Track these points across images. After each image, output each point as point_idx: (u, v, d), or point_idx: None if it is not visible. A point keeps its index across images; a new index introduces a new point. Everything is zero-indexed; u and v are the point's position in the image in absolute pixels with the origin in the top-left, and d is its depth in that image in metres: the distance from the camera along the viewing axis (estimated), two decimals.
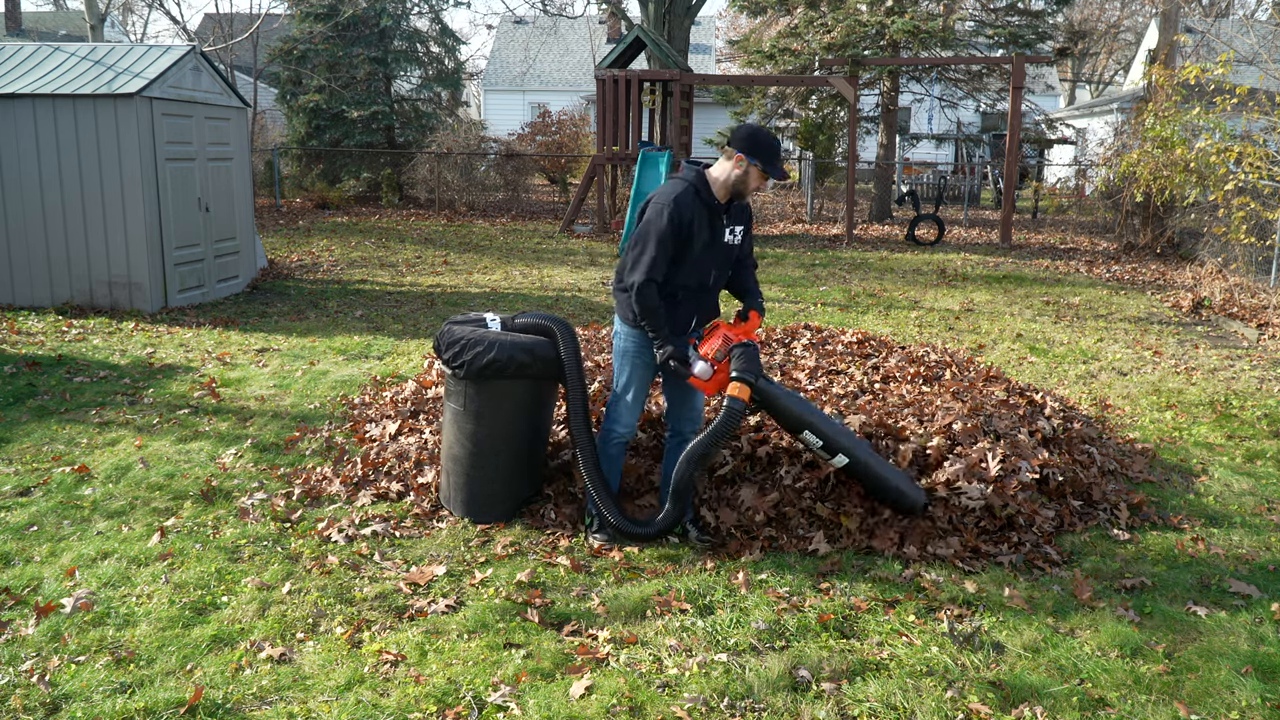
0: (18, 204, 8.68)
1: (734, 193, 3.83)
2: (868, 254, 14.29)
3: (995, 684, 3.08)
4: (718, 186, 3.81)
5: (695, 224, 3.75)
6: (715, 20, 39.61)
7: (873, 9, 17.81)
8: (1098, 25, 37.15)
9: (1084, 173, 21.23)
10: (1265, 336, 8.69)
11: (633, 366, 3.98)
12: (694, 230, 3.75)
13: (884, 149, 19.34)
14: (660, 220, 3.70)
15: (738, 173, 3.77)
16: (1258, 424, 6.04)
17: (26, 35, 28.03)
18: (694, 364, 3.84)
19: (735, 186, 3.80)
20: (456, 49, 22.01)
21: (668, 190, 3.78)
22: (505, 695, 2.98)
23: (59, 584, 3.66)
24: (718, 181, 3.81)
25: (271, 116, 24.87)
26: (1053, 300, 10.54)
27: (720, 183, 3.81)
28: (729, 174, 3.78)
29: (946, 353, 6.31)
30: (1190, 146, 10.13)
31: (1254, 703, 3.01)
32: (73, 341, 7.62)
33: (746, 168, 3.75)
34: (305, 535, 4.14)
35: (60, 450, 5.15)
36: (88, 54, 9.06)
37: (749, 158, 3.73)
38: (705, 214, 3.79)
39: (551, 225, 17.22)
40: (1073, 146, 25.28)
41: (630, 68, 16.42)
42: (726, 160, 3.80)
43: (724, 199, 3.84)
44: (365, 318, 8.94)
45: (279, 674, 3.10)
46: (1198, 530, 4.36)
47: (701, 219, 3.77)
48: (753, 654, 3.25)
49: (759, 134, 3.76)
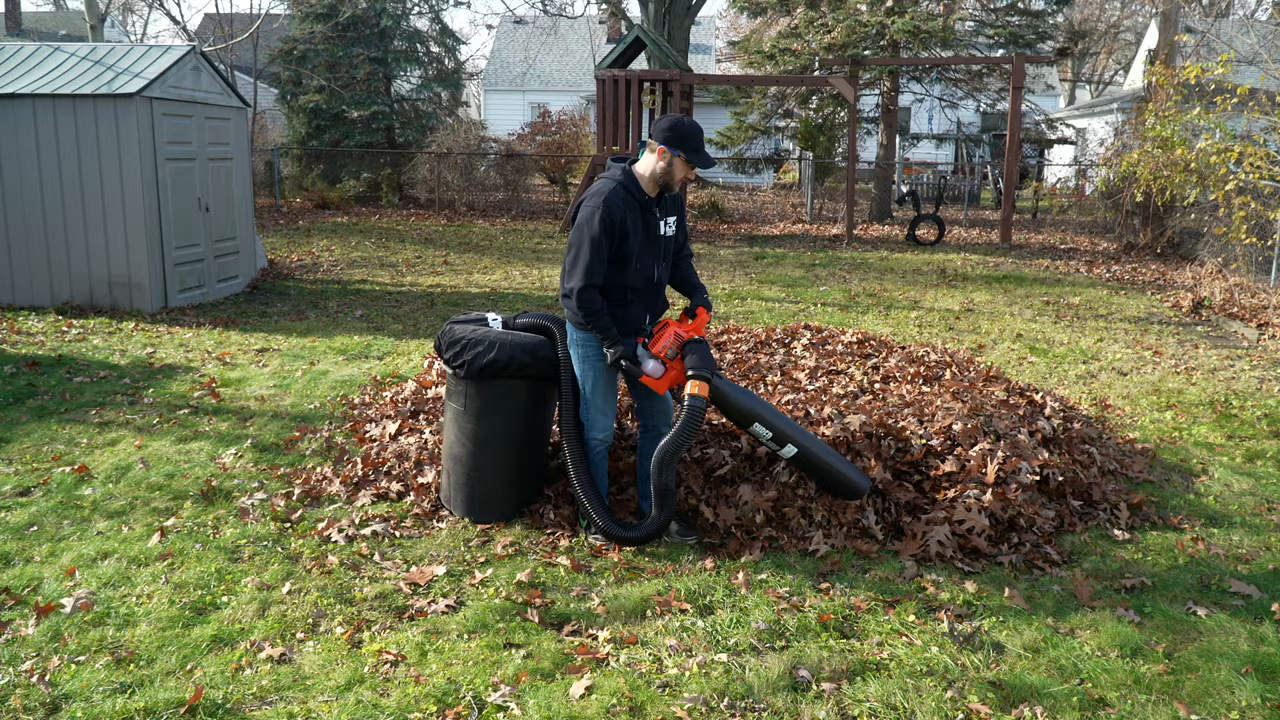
0: (18, 204, 8.68)
1: (662, 185, 3.84)
2: (868, 254, 14.29)
3: (995, 684, 3.08)
4: (645, 182, 3.83)
5: (628, 222, 3.75)
6: (715, 20, 39.61)
7: (873, 9, 17.81)
8: (1098, 25, 37.16)
9: (1084, 173, 21.23)
10: (1265, 336, 8.69)
11: (595, 370, 3.98)
12: (628, 228, 3.75)
13: (884, 149, 19.34)
14: (592, 223, 3.70)
15: (662, 165, 3.78)
16: (1258, 424, 6.04)
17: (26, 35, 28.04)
18: (645, 362, 3.87)
19: (662, 179, 3.82)
20: (456, 49, 22.01)
21: (596, 192, 3.78)
22: (505, 695, 2.98)
23: (59, 584, 3.66)
24: (644, 177, 3.83)
25: (271, 116, 24.88)
26: (1053, 300, 10.54)
27: (647, 177, 3.83)
28: (654, 167, 3.80)
29: (946, 353, 6.31)
30: (1190, 146, 10.13)
31: (1254, 703, 3.01)
32: (73, 341, 7.62)
33: (670, 159, 3.76)
34: (305, 535, 4.14)
35: (60, 450, 5.15)
36: (88, 54, 9.06)
37: (671, 149, 3.74)
38: (637, 210, 3.80)
39: (551, 225, 17.22)
40: (1073, 146, 25.29)
41: (630, 68, 16.42)
42: (650, 154, 3.80)
43: (653, 193, 3.86)
44: (365, 318, 8.94)
45: (279, 674, 3.10)
46: (1198, 530, 4.36)
47: (634, 216, 3.78)
48: (753, 654, 3.25)
49: (680, 124, 3.77)
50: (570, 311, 3.89)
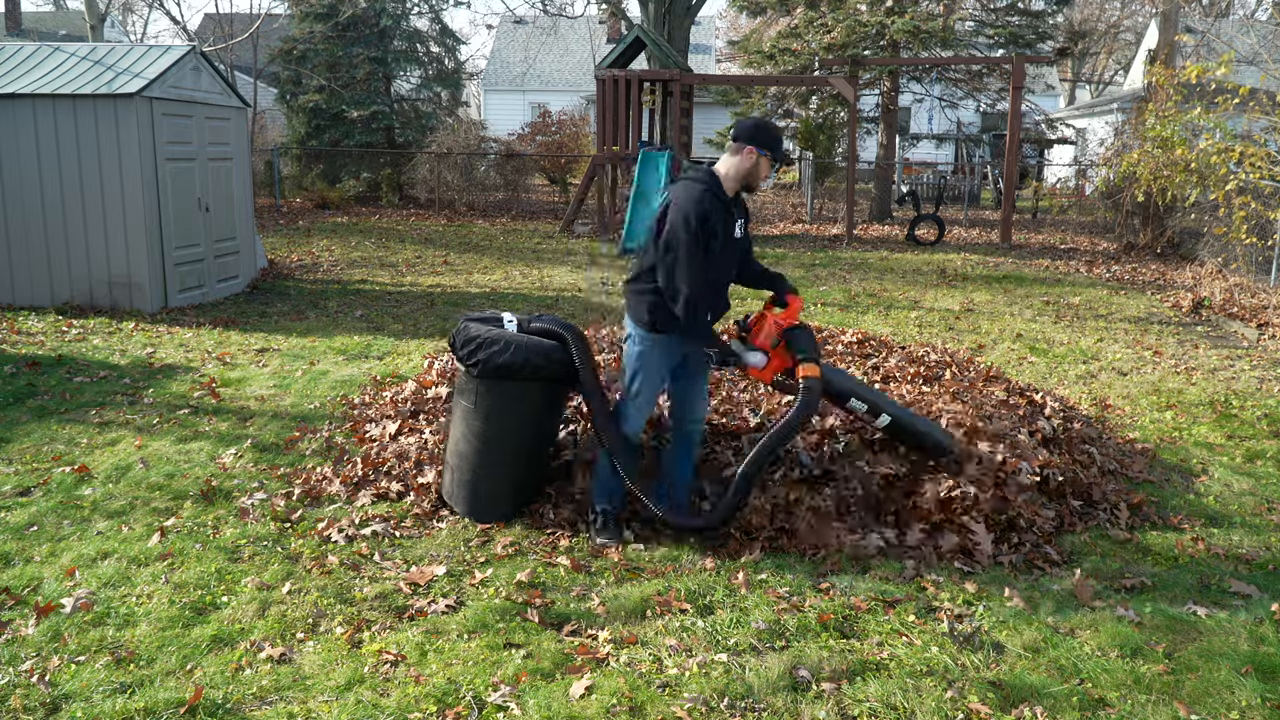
0: (18, 204, 8.68)
1: (744, 185, 3.89)
2: (868, 254, 14.29)
3: (995, 684, 3.08)
4: (729, 182, 3.85)
5: (716, 224, 3.77)
6: (715, 20, 39.61)
7: (873, 9, 17.81)
8: (1098, 25, 37.15)
9: (1084, 173, 21.23)
10: (1265, 336, 8.69)
11: (646, 370, 3.97)
12: (716, 230, 3.77)
13: (884, 149, 19.34)
14: (691, 226, 3.70)
15: (748, 165, 3.82)
16: (1258, 424, 6.04)
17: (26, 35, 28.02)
18: (747, 356, 3.93)
19: (746, 179, 3.86)
20: (456, 49, 22.01)
21: (687, 195, 3.77)
22: (505, 695, 2.98)
23: (59, 584, 3.66)
24: (729, 177, 3.85)
25: (271, 116, 24.87)
26: (1053, 300, 10.54)
27: (731, 177, 3.85)
28: (740, 167, 3.83)
29: (946, 353, 6.31)
30: (1191, 146, 10.12)
31: (1254, 703, 3.01)
32: (73, 341, 7.62)
33: (757, 159, 3.81)
34: (305, 535, 4.14)
35: (60, 450, 5.15)
36: (88, 54, 9.06)
37: (759, 149, 3.80)
38: (722, 211, 3.82)
39: (551, 225, 17.22)
40: (1073, 146, 25.29)
41: (630, 68, 16.42)
42: (734, 155, 3.83)
43: (733, 193, 3.90)
44: (365, 318, 8.94)
45: (279, 674, 3.10)
46: (1198, 530, 4.36)
47: (719, 217, 3.79)
48: (753, 654, 3.25)
49: (765, 125, 3.86)
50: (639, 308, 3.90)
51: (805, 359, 3.88)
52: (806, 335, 3.95)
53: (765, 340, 3.96)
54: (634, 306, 3.95)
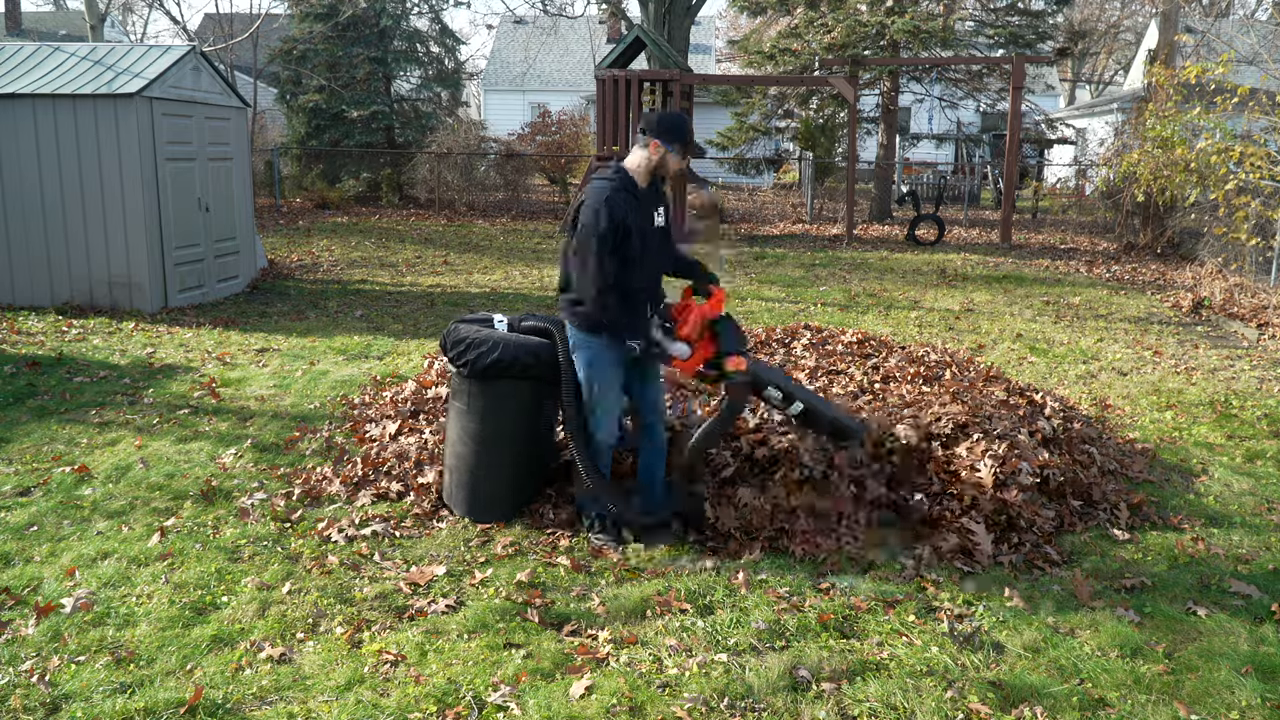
0: (18, 204, 8.68)
1: (654, 178, 3.93)
2: (868, 254, 14.29)
3: (995, 684, 3.08)
4: (639, 175, 3.89)
5: (629, 218, 3.79)
6: (715, 20, 39.61)
7: (873, 9, 17.81)
8: (1098, 25, 37.15)
9: (1084, 173, 21.23)
10: (1265, 336, 8.69)
11: (601, 373, 3.98)
12: (630, 225, 3.79)
13: (884, 149, 19.34)
14: (599, 224, 3.73)
15: (656, 158, 3.86)
16: (1258, 424, 6.04)
17: (26, 35, 28.02)
18: (671, 347, 3.89)
19: (656, 171, 3.90)
20: (456, 49, 22.01)
21: (596, 195, 3.81)
22: (505, 695, 2.98)
23: (59, 584, 3.66)
24: (638, 170, 3.89)
25: (271, 116, 24.87)
26: (1053, 300, 10.54)
27: (641, 170, 3.89)
28: (648, 160, 3.87)
29: (946, 353, 6.31)
30: (1191, 146, 10.12)
31: (1254, 703, 3.01)
32: (73, 341, 7.62)
33: (664, 153, 3.85)
34: (305, 535, 4.14)
35: (60, 450, 5.14)
36: (88, 54, 9.06)
37: (664, 143, 3.83)
38: (635, 205, 3.84)
39: (551, 225, 17.22)
40: (1073, 146, 25.29)
41: (630, 68, 16.41)
42: (642, 149, 3.87)
43: (646, 184, 3.92)
44: (365, 318, 8.94)
45: (279, 674, 3.10)
46: (1198, 530, 4.36)
47: (634, 212, 3.82)
48: (753, 654, 3.25)
49: (669, 118, 3.87)
50: (575, 315, 3.91)
51: (731, 352, 3.84)
52: (731, 326, 3.92)
53: (690, 331, 3.90)
54: (569, 314, 3.97)
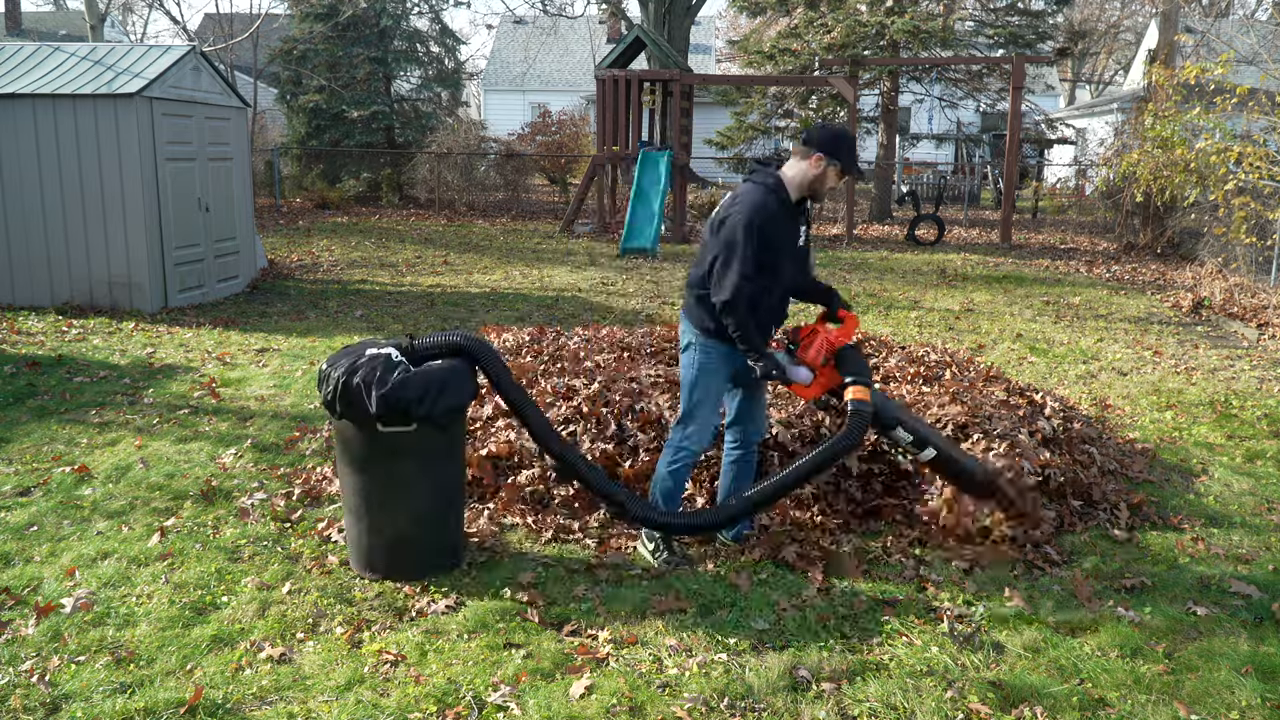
0: (18, 204, 8.68)
1: (809, 193, 3.72)
2: (868, 254, 14.29)
3: (995, 684, 3.08)
4: (794, 187, 3.69)
5: (778, 230, 3.64)
6: (715, 20, 39.60)
7: (873, 9, 17.81)
8: (1098, 25, 37.14)
9: (1084, 173, 21.22)
10: (1265, 336, 8.69)
11: (710, 380, 3.80)
12: (777, 236, 3.64)
13: (884, 149, 19.34)
14: (751, 229, 3.56)
15: (815, 173, 3.65)
16: (1258, 424, 6.04)
17: (26, 35, 28.01)
18: (793, 371, 3.71)
19: (812, 186, 3.70)
20: (456, 49, 22.01)
21: (750, 197, 3.63)
22: (505, 695, 2.98)
23: (59, 584, 3.66)
24: (794, 182, 3.68)
25: (271, 116, 24.87)
26: (1053, 300, 10.54)
27: (796, 183, 3.69)
28: (806, 174, 3.66)
29: (946, 353, 6.31)
30: (1190, 146, 10.12)
31: (1254, 703, 3.01)
32: (73, 341, 7.62)
33: (825, 168, 3.65)
34: (305, 535, 4.14)
35: (60, 450, 5.14)
36: (88, 54, 9.06)
37: (830, 158, 3.63)
38: (785, 218, 3.68)
39: (551, 225, 17.22)
40: (1073, 146, 25.28)
41: (630, 68, 16.42)
42: (802, 160, 3.67)
43: (797, 199, 3.72)
44: (365, 318, 8.94)
45: (279, 674, 3.10)
46: (1198, 530, 4.36)
47: (782, 224, 3.66)
48: (753, 654, 3.25)
49: (840, 135, 3.67)
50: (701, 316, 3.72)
51: (855, 381, 3.66)
52: (858, 356, 3.74)
53: (815, 357, 3.73)
54: (693, 312, 3.78)
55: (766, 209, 3.59)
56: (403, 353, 3.65)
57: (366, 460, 3.63)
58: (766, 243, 3.59)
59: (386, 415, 3.46)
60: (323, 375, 3.60)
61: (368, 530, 3.70)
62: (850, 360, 3.73)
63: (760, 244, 3.57)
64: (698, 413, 3.82)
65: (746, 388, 3.90)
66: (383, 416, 3.47)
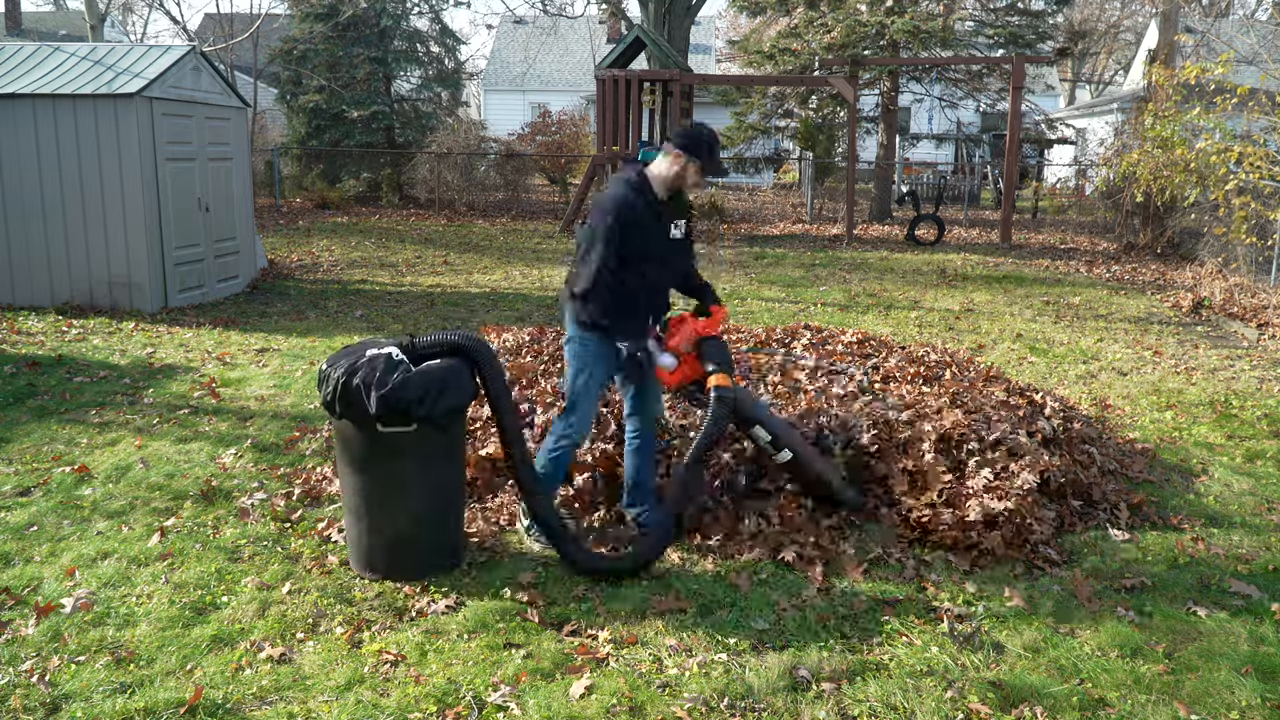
0: (18, 204, 8.68)
1: (674, 189, 3.92)
2: (868, 254, 14.29)
3: (995, 684, 3.08)
4: (659, 183, 3.88)
5: (639, 222, 3.80)
6: (715, 20, 39.60)
7: (873, 9, 17.81)
8: (1098, 25, 37.15)
9: (1084, 173, 21.23)
10: (1265, 336, 8.69)
11: (590, 370, 3.96)
12: (639, 228, 3.79)
13: (884, 149, 19.34)
14: (606, 222, 3.75)
15: (676, 169, 3.85)
16: (1258, 424, 6.04)
17: (26, 35, 28.01)
18: (660, 357, 3.91)
19: (675, 183, 3.89)
20: (456, 49, 22.01)
21: (612, 191, 3.84)
22: (505, 695, 2.98)
23: (59, 584, 3.66)
24: (659, 178, 3.88)
25: (271, 116, 24.87)
26: (1053, 300, 10.54)
27: (661, 179, 3.88)
28: (669, 171, 3.86)
29: (946, 353, 6.31)
30: (1190, 146, 10.12)
31: (1254, 703, 3.01)
32: (73, 341, 7.62)
33: (685, 165, 3.83)
34: (305, 535, 4.14)
35: (60, 450, 5.14)
36: (88, 54, 9.06)
37: (689, 156, 3.81)
38: (648, 211, 3.84)
39: (551, 225, 17.22)
40: (1073, 146, 25.29)
41: (630, 68, 16.42)
42: (665, 157, 3.87)
43: (665, 195, 3.91)
44: (365, 318, 8.94)
45: (279, 674, 3.10)
46: (1198, 530, 4.36)
47: (645, 216, 3.82)
48: (753, 654, 3.25)
49: (700, 135, 3.85)
50: (576, 310, 3.89)
51: (717, 369, 3.86)
52: (720, 347, 3.94)
53: (679, 344, 3.94)
54: (572, 309, 3.95)
55: (627, 203, 3.78)
56: (404, 352, 3.67)
57: (366, 460, 3.64)
58: (628, 236, 3.76)
59: (386, 416, 3.47)
60: (323, 375, 3.61)
61: (368, 530, 3.71)
62: (712, 350, 3.92)
63: (621, 238, 3.75)
64: (580, 403, 3.99)
65: (638, 379, 4.05)
66: (382, 417, 3.48)
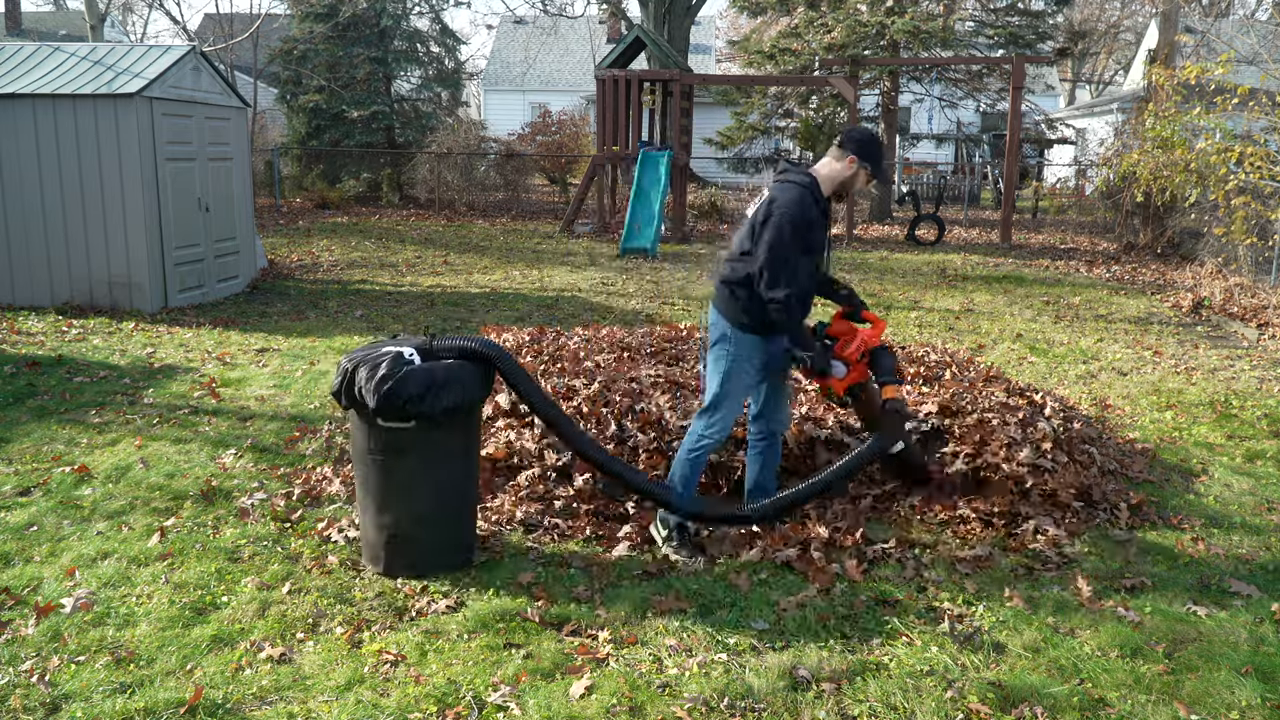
0: (18, 204, 8.68)
1: (840, 191, 3.88)
2: (868, 254, 14.29)
3: (995, 684, 3.08)
4: (827, 185, 3.83)
5: (815, 224, 3.76)
6: (715, 20, 39.61)
7: (873, 9, 17.81)
8: (1098, 25, 37.14)
9: (1084, 173, 21.22)
10: (1265, 336, 8.69)
11: (740, 371, 3.89)
12: (814, 234, 3.76)
13: (884, 149, 19.31)
14: (798, 228, 3.68)
15: (848, 174, 3.81)
16: (1258, 424, 6.03)
17: (26, 35, 28.00)
18: (832, 364, 3.90)
19: (844, 186, 3.85)
20: (456, 49, 22.02)
21: (791, 197, 3.74)
22: (505, 695, 2.98)
23: (59, 584, 3.66)
24: (828, 180, 3.83)
25: (271, 116, 24.87)
26: (1053, 300, 10.54)
27: (830, 181, 3.83)
28: (840, 175, 3.82)
29: (946, 353, 6.31)
30: (1190, 146, 10.12)
31: (1254, 703, 3.01)
32: (73, 341, 7.62)
33: (857, 170, 3.80)
34: (305, 535, 4.14)
35: (60, 450, 5.14)
36: (88, 54, 9.06)
37: (861, 161, 3.78)
38: (820, 215, 3.80)
39: (551, 225, 17.22)
40: (1073, 146, 25.28)
41: (630, 68, 16.42)
42: (837, 161, 3.82)
43: (828, 197, 3.88)
44: (365, 318, 8.94)
45: (279, 674, 3.10)
46: (1198, 530, 4.36)
47: (819, 221, 3.78)
48: (753, 654, 3.25)
49: (874, 140, 3.84)
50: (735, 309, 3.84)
51: (888, 380, 3.89)
52: (892, 359, 3.97)
53: (853, 353, 3.93)
54: (729, 306, 3.87)
55: (805, 206, 3.72)
56: (420, 353, 3.66)
57: (369, 454, 3.65)
58: (808, 241, 3.71)
59: (384, 410, 3.48)
60: (340, 368, 3.66)
61: (374, 523, 3.73)
62: (886, 361, 3.96)
63: (806, 239, 3.71)
64: (724, 403, 3.93)
65: (773, 381, 4.01)
66: (381, 411, 3.48)
